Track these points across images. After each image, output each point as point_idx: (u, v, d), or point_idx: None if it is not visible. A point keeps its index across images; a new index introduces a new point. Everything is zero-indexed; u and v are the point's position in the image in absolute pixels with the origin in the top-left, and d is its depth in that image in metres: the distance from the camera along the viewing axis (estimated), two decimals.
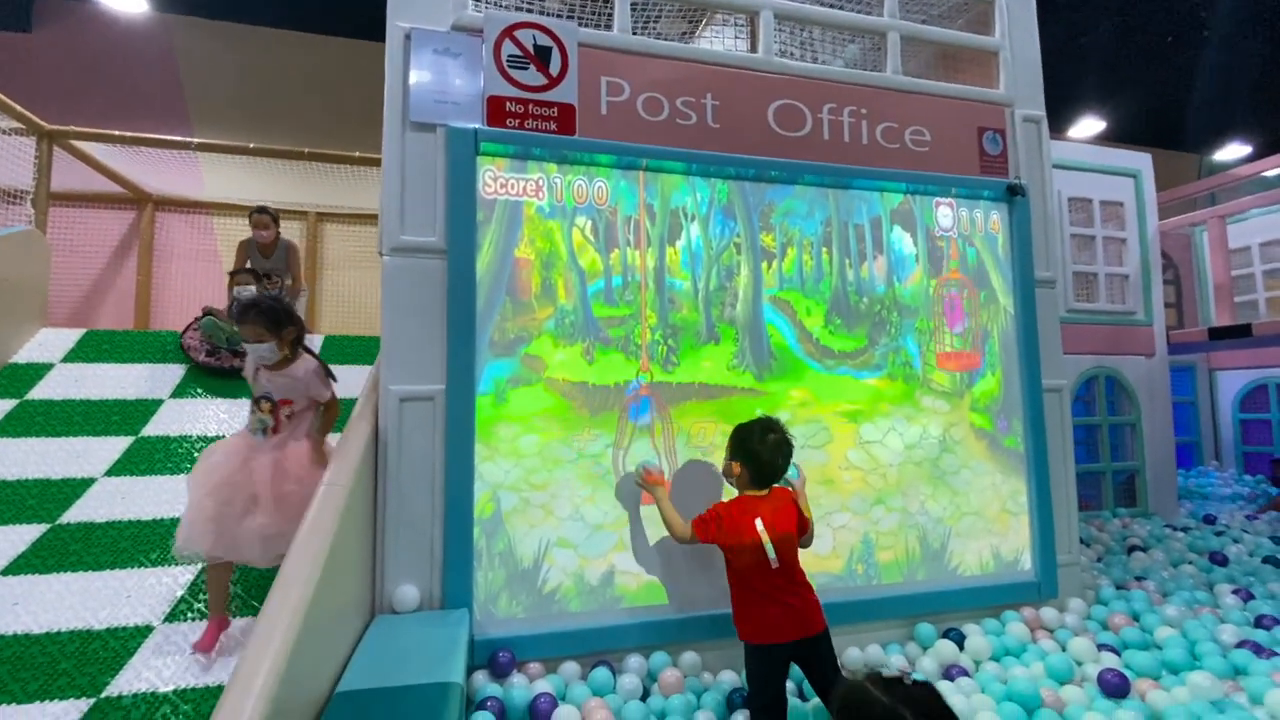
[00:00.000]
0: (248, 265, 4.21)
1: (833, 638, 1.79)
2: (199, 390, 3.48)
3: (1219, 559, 3.22)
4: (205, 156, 5.10)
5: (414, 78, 2.11)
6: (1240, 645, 2.20)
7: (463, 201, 2.09)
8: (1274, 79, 7.21)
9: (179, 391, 3.51)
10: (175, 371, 3.63)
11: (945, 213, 2.64)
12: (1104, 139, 8.26)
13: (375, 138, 2.13)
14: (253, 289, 3.87)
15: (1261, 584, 2.89)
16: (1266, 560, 3.24)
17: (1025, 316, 2.65)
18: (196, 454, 2.92)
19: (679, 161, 2.33)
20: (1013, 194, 2.68)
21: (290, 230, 4.86)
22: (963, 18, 2.98)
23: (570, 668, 2.00)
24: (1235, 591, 2.72)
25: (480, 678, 1.90)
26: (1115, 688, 1.93)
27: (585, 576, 2.11)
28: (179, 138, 4.57)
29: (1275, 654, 2.12)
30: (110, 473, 2.88)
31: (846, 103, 2.55)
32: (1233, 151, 9.26)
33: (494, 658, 1.93)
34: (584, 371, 2.18)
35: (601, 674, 1.96)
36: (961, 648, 2.22)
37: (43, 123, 3.97)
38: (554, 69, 2.23)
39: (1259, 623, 2.42)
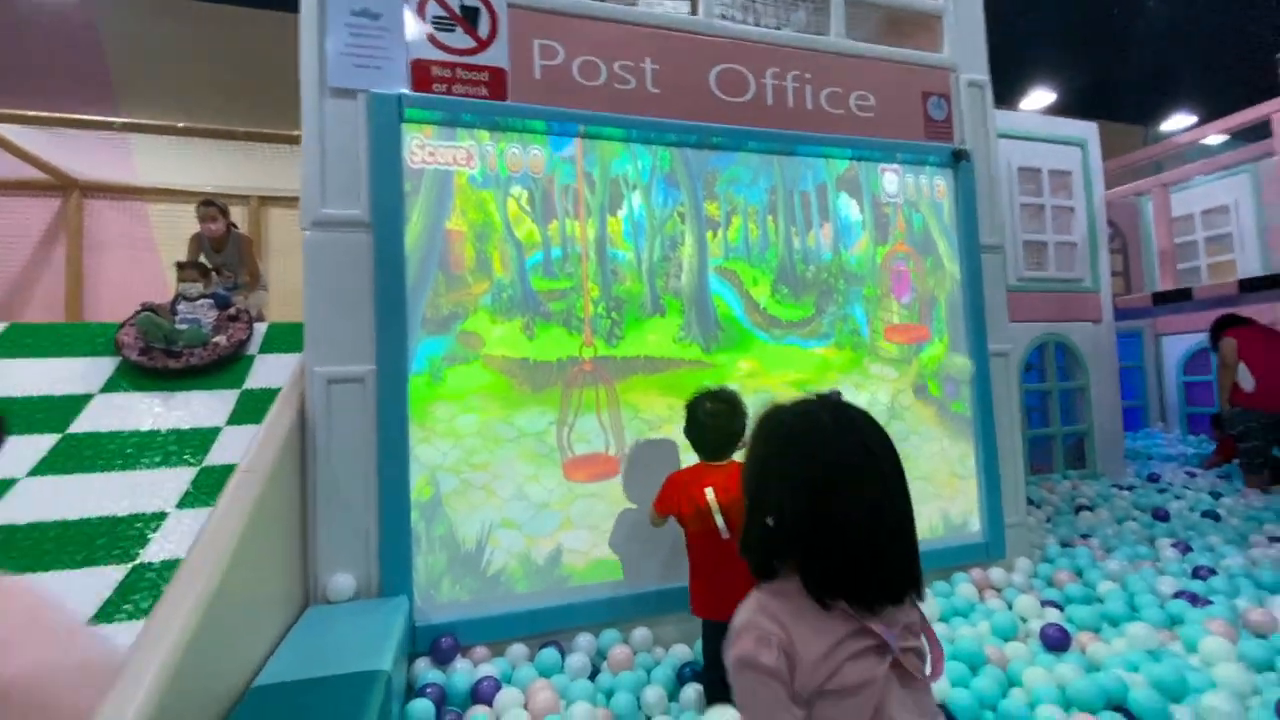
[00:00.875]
0: (200, 259, 4.00)
1: None
2: (127, 385, 3.31)
3: (1161, 514, 3.31)
4: (137, 139, 4.83)
5: (330, 41, 1.98)
6: (1177, 595, 2.26)
7: (388, 171, 1.98)
8: (1216, 49, 7.39)
9: (109, 386, 3.33)
10: (106, 365, 3.44)
11: (891, 179, 2.62)
12: (1055, 111, 8.37)
13: None
14: (199, 286, 3.68)
15: (1200, 536, 2.98)
16: (1206, 514, 3.34)
17: (971, 283, 2.65)
18: (129, 451, 2.78)
19: (618, 128, 2.25)
20: (958, 159, 2.67)
21: (232, 216, 4.65)
22: None
23: (518, 649, 1.95)
24: (1175, 545, 2.80)
25: (422, 664, 1.84)
26: (1056, 641, 1.95)
27: (531, 556, 2.06)
28: (102, 117, 4.30)
29: (1210, 602, 2.18)
30: (34, 472, 2.71)
31: (790, 67, 2.50)
32: (1179, 122, 9.50)
33: (436, 643, 1.87)
34: (524, 347, 2.11)
35: (549, 654, 1.92)
36: None
37: None
38: (483, 31, 2.13)
39: (1196, 573, 2.49)
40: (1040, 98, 8.41)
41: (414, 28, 2.07)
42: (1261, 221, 5.45)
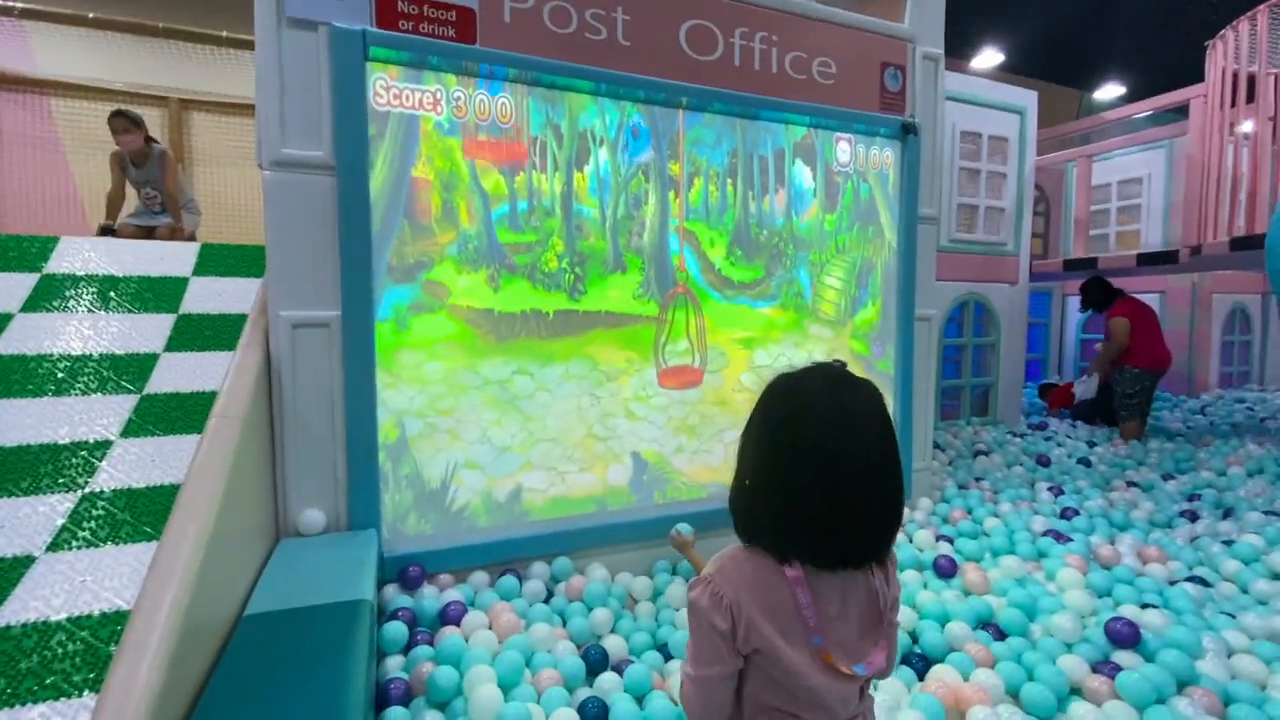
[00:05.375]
0: (109, 223, 3.70)
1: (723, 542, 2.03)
2: (54, 304, 3.13)
3: (1043, 460, 3.80)
4: (34, 25, 4.30)
5: None
6: (1046, 534, 2.67)
7: (351, 112, 1.94)
8: (1148, 22, 7.71)
9: (30, 305, 3.13)
10: (25, 281, 3.22)
11: (844, 148, 2.75)
12: (1001, 71, 8.60)
13: (250, 15, 1.89)
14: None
15: (1072, 481, 3.47)
16: (1080, 461, 3.86)
17: (906, 252, 2.87)
18: (60, 376, 2.68)
19: (588, 80, 2.25)
20: (907, 132, 2.81)
21: (150, 120, 4.27)
22: None
23: (479, 577, 2.14)
24: (1050, 488, 3.26)
25: (391, 591, 2.00)
26: (946, 570, 2.31)
27: (493, 495, 2.22)
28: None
29: (1070, 539, 2.60)
30: None
31: (759, 28, 2.52)
32: (1109, 91, 9.95)
33: (404, 571, 2.02)
34: (489, 299, 2.18)
35: (508, 581, 2.12)
36: None
37: None
38: None
39: (1063, 514, 2.93)
40: (990, 57, 8.59)
41: None
42: (1169, 196, 5.93)
